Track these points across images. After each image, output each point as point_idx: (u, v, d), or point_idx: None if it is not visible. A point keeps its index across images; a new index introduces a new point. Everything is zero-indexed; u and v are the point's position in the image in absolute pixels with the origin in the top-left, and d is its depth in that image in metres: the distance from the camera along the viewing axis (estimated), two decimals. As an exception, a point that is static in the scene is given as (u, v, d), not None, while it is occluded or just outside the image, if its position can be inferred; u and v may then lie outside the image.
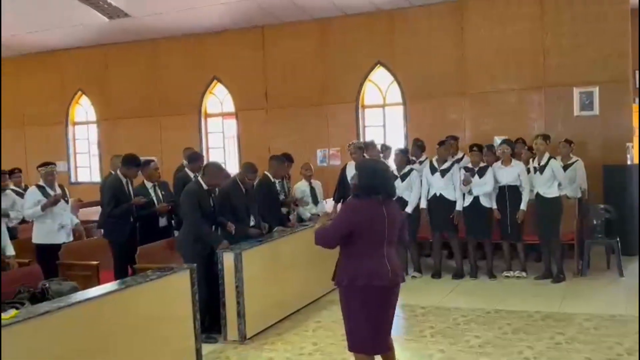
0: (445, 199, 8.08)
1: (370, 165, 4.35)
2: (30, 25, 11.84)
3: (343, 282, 4.03)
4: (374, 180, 4.05)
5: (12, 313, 3.91)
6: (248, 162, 6.92)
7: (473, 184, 7.87)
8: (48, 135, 13.61)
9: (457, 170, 8.09)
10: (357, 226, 3.98)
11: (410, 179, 8.11)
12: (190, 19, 11.33)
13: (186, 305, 5.20)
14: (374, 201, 4.02)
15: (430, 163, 8.27)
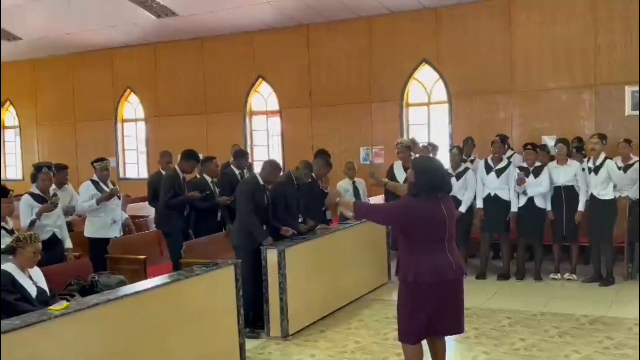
0: (499, 198, 7.95)
1: (428, 163, 4.33)
2: (83, 24, 12.16)
3: (408, 279, 4.01)
4: (432, 178, 4.04)
5: (63, 304, 4.04)
6: (306, 161, 7.04)
7: (527, 184, 7.72)
8: (98, 131, 13.96)
9: (513, 170, 7.95)
10: (416, 224, 3.98)
11: (465, 178, 8.01)
12: (237, 18, 11.45)
13: (230, 301, 5.27)
14: (433, 199, 4.01)
15: (485, 162, 8.14)
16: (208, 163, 7.76)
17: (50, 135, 14.63)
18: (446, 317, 4.11)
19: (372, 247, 7.84)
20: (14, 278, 4.74)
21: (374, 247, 7.89)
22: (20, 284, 4.74)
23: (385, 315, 6.52)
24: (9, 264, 4.82)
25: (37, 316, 3.88)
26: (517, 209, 7.88)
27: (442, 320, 4.10)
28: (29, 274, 4.86)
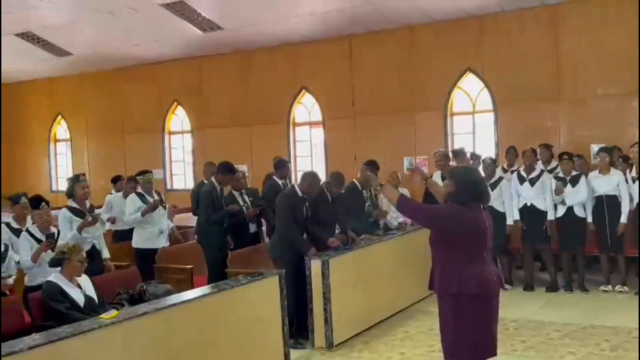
0: (536, 209, 7.81)
1: (470, 173, 4.26)
2: (131, 39, 12.48)
3: (451, 290, 3.91)
4: (475, 187, 3.99)
5: (113, 313, 4.14)
6: (336, 172, 6.99)
7: (566, 194, 7.57)
8: (146, 143, 14.26)
9: (547, 179, 7.81)
10: (462, 231, 3.88)
11: (500, 188, 7.90)
12: (280, 31, 11.58)
13: (275, 310, 5.31)
14: (476, 208, 3.96)
15: (518, 173, 8.02)
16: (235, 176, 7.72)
17: (100, 147, 15.02)
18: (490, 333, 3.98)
19: (416, 258, 7.74)
20: (62, 288, 4.87)
21: (418, 258, 7.77)
22: (69, 294, 4.87)
23: (431, 327, 6.44)
24: (55, 275, 4.95)
25: (89, 324, 3.99)
26: (556, 219, 7.72)
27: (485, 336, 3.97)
28: (77, 282, 4.99)
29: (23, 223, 6.25)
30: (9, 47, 13.04)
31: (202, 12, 11.11)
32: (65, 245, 5.02)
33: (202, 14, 11.15)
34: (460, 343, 3.94)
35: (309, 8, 10.70)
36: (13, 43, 12.71)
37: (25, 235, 5.72)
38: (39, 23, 11.73)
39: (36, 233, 5.73)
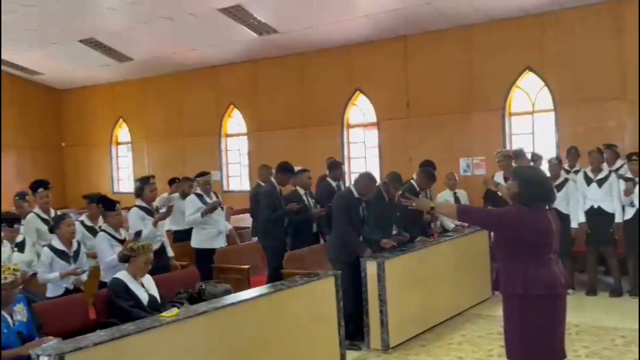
0: (603, 211, 7.56)
1: (534, 173, 4.17)
2: (188, 44, 12.75)
3: (517, 291, 3.83)
4: (541, 188, 3.90)
5: (174, 312, 4.23)
6: (395, 172, 6.95)
7: (635, 195, 7.29)
8: (203, 146, 14.53)
9: (615, 180, 7.55)
10: (529, 233, 3.80)
11: (567, 190, 7.68)
12: (335, 33, 11.60)
13: (331, 311, 5.32)
14: (541, 209, 3.87)
15: (585, 174, 7.78)
16: (301, 175, 7.81)
17: (160, 150, 15.39)
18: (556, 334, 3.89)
19: (474, 260, 7.65)
20: (128, 285, 5.03)
21: (476, 260, 7.70)
22: (133, 291, 5.02)
23: (489, 330, 6.34)
24: (122, 272, 5.12)
25: (150, 322, 4.09)
26: (624, 222, 7.44)
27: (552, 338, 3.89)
28: (141, 281, 5.13)
29: (96, 221, 6.51)
30: (73, 53, 13.55)
31: (259, 16, 11.25)
32: (135, 244, 5.17)
33: (258, 17, 11.28)
34: (525, 345, 3.86)
35: (363, 10, 10.68)
36: (76, 49, 13.19)
37: (104, 235, 5.88)
38: (101, 29, 12.12)
39: (112, 232, 5.94)
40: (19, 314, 4.26)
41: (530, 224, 3.81)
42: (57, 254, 5.58)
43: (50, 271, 5.54)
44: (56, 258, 5.56)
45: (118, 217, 5.98)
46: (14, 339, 4.16)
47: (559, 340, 3.91)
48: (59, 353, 3.45)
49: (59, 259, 5.57)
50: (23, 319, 4.28)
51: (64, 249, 5.62)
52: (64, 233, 5.62)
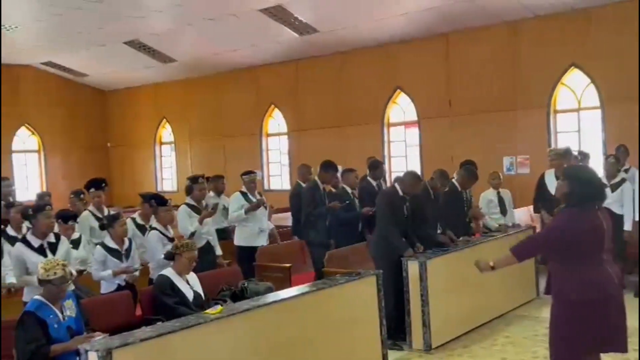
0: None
1: (582, 171, 4.09)
2: (230, 45, 12.87)
3: (570, 296, 3.76)
4: (588, 187, 3.82)
5: (218, 309, 4.28)
6: (442, 170, 6.90)
7: None
8: (244, 146, 14.66)
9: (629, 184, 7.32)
10: (577, 238, 3.74)
11: (622, 190, 7.47)
12: (376, 31, 11.56)
13: (373, 310, 5.30)
14: (591, 209, 3.80)
15: None
16: (348, 174, 7.88)
17: (202, 149, 15.60)
18: (611, 335, 3.81)
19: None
20: (173, 282, 5.11)
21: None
22: (179, 288, 5.10)
23: (535, 332, 6.22)
24: (168, 270, 5.20)
25: (195, 319, 4.14)
26: None
27: (607, 338, 3.81)
28: (186, 279, 5.20)
29: (147, 220, 6.66)
30: (118, 55, 13.84)
31: (299, 16, 11.29)
32: (180, 241, 5.26)
33: (299, 17, 11.32)
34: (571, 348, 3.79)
35: (403, 8, 10.61)
36: (121, 51, 13.46)
37: (155, 232, 6.06)
38: (145, 31, 12.35)
39: (163, 230, 6.08)
40: (69, 310, 4.37)
41: (580, 227, 3.74)
42: (110, 252, 5.72)
43: (103, 269, 5.68)
44: (109, 256, 5.70)
45: (169, 212, 6.14)
46: (63, 334, 4.27)
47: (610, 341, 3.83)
48: (106, 348, 3.52)
49: (112, 257, 5.71)
50: (72, 314, 4.39)
51: (116, 247, 5.76)
52: (117, 232, 5.77)
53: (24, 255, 5.21)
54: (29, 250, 5.22)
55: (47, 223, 5.31)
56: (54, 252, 5.31)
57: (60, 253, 5.30)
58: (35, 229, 5.32)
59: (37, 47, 13.57)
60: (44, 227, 5.28)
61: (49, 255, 5.22)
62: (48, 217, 5.32)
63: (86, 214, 7.17)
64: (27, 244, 5.26)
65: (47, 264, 4.30)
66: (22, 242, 5.32)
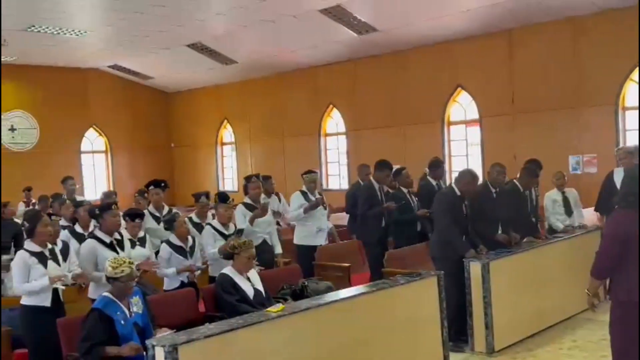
0: None
1: (635, 170, 3.94)
2: (289, 46, 12.99)
3: (620, 297, 3.71)
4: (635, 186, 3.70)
5: (279, 307, 4.32)
6: (499, 164, 6.73)
7: None
8: (303, 145, 14.77)
9: None
10: (629, 238, 3.66)
11: None
12: (436, 29, 11.43)
13: (434, 312, 5.23)
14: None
15: None
16: (399, 174, 7.78)
17: (262, 149, 15.81)
18: None
19: (585, 262, 7.18)
20: (234, 281, 5.19)
21: (587, 262, 7.21)
22: (240, 286, 5.17)
23: (603, 336, 5.97)
24: (228, 268, 5.29)
25: (257, 317, 4.20)
26: None
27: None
28: (247, 276, 5.28)
29: (204, 218, 6.81)
30: (181, 58, 14.18)
31: (359, 16, 11.27)
32: (238, 240, 5.35)
33: (358, 17, 11.31)
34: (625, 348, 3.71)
35: (465, 5, 10.45)
36: (184, 53, 13.79)
37: (209, 228, 6.23)
38: (207, 34, 12.60)
39: (218, 226, 6.21)
40: (135, 306, 4.50)
41: (632, 229, 3.66)
42: (175, 250, 5.88)
43: (168, 266, 5.84)
44: (174, 253, 5.87)
45: (228, 210, 6.26)
46: (130, 330, 4.40)
47: None
48: (172, 344, 3.61)
49: (177, 254, 5.87)
50: (139, 310, 4.51)
51: (181, 244, 5.92)
52: (179, 232, 5.94)
53: (96, 250, 5.37)
54: (100, 245, 5.39)
55: (114, 221, 5.48)
56: (123, 247, 5.49)
57: (126, 250, 5.48)
58: (103, 227, 5.50)
59: (105, 51, 14.06)
60: (110, 225, 5.45)
61: (119, 251, 5.40)
62: (114, 216, 5.49)
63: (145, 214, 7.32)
64: (98, 239, 5.44)
65: (114, 262, 4.44)
66: (94, 238, 5.50)
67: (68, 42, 12.79)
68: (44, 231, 4.97)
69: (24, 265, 4.88)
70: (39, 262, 4.89)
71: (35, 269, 4.86)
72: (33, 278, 4.87)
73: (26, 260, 4.88)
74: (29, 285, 4.85)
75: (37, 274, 4.85)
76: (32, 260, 4.88)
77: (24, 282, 4.88)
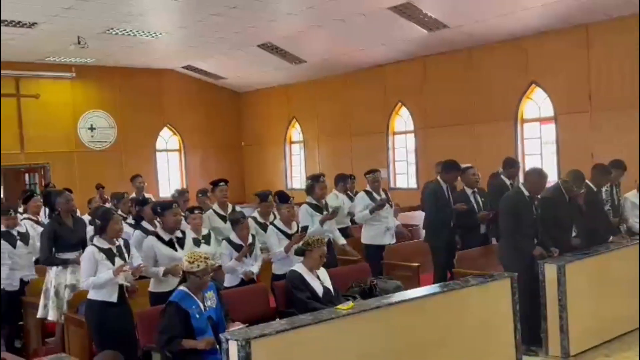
0: None
1: None
2: (358, 44, 12.98)
3: None
4: None
5: (349, 304, 4.35)
6: (577, 171, 6.52)
7: None
8: (371, 144, 14.74)
9: None
10: None
11: None
12: (508, 24, 11.16)
13: (506, 314, 5.13)
14: None
15: None
16: (466, 173, 7.47)
17: (329, 148, 15.88)
18: None
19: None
20: (304, 277, 5.25)
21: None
22: (309, 283, 5.24)
23: (686, 344, 5.73)
24: (299, 265, 5.36)
25: (327, 314, 4.24)
26: None
27: None
28: (317, 274, 5.33)
29: (267, 218, 6.91)
30: (251, 58, 14.42)
31: (429, 12, 11.14)
32: (311, 238, 5.41)
33: (428, 14, 11.18)
34: None
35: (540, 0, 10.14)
36: (254, 54, 14.02)
37: (273, 228, 6.33)
38: (277, 34, 12.76)
39: (281, 226, 6.28)
40: (209, 300, 4.63)
41: None
42: (235, 248, 6.03)
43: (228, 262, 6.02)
44: (234, 252, 6.00)
45: (290, 210, 6.31)
46: (204, 324, 4.53)
47: None
48: (245, 338, 3.70)
49: (236, 253, 6.00)
50: (213, 305, 4.64)
51: (241, 242, 6.04)
52: (240, 235, 6.07)
53: (154, 247, 5.58)
54: (159, 243, 5.60)
55: (175, 220, 5.67)
56: (182, 246, 5.66)
57: (187, 248, 5.64)
58: (164, 224, 5.70)
59: (180, 52, 14.47)
60: (171, 223, 5.65)
61: (178, 248, 5.58)
62: (175, 215, 5.67)
63: (210, 213, 7.41)
64: (158, 237, 5.66)
65: (191, 257, 4.59)
66: (154, 235, 5.73)
67: (144, 44, 13.24)
68: (115, 228, 5.16)
69: (92, 261, 5.05)
70: (106, 257, 5.07)
71: (103, 264, 5.03)
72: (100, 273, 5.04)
73: (95, 256, 5.06)
74: (94, 278, 5.01)
75: (104, 269, 5.02)
76: (100, 255, 5.05)
77: (90, 277, 5.04)
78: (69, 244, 6.03)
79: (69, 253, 6.01)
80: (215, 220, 7.17)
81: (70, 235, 6.07)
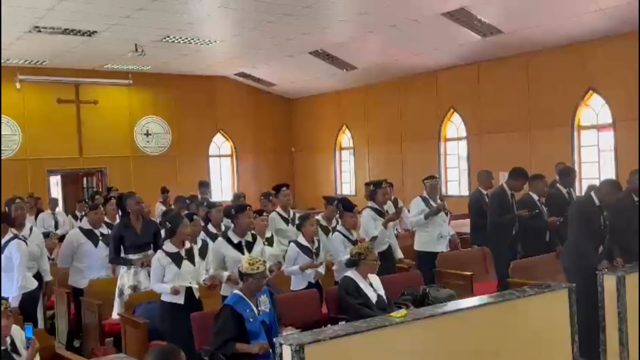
0: None
1: None
2: (411, 50, 12.92)
3: None
4: None
5: (402, 312, 4.32)
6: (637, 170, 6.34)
7: None
8: (422, 150, 14.62)
9: None
10: None
11: None
12: (564, 29, 10.92)
13: (564, 326, 4.99)
14: None
15: None
16: (537, 181, 7.50)
17: (380, 154, 15.83)
18: None
19: None
20: (357, 284, 5.26)
21: None
22: (363, 290, 5.24)
23: None
24: (352, 271, 5.37)
25: (380, 321, 4.21)
26: None
27: None
28: (370, 281, 5.33)
29: (330, 222, 7.00)
30: (303, 65, 14.54)
31: (483, 18, 11.01)
32: (362, 246, 5.42)
33: (482, 19, 11.05)
34: None
35: (598, 4, 9.88)
36: (306, 60, 14.12)
37: (338, 235, 6.42)
38: (329, 41, 12.82)
39: (345, 232, 6.40)
40: (263, 305, 4.68)
41: None
42: (302, 250, 6.07)
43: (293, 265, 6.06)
44: (301, 253, 6.06)
45: (354, 218, 6.38)
46: (258, 327, 4.59)
47: None
48: (299, 343, 3.71)
49: (303, 254, 6.06)
50: (266, 309, 4.69)
51: (307, 245, 6.10)
52: (308, 231, 6.13)
53: (222, 249, 5.67)
54: (228, 245, 5.68)
55: (248, 222, 5.77)
56: (250, 250, 5.72)
57: (256, 251, 5.71)
58: (237, 227, 5.78)
59: (233, 60, 14.70)
60: (244, 225, 5.74)
61: (245, 252, 5.64)
62: (248, 217, 5.77)
63: (274, 215, 7.60)
64: (227, 239, 5.73)
65: (251, 260, 4.66)
66: (223, 238, 5.80)
67: (199, 52, 13.51)
68: (185, 232, 5.30)
69: (159, 266, 5.24)
70: (173, 262, 5.22)
71: (169, 269, 5.20)
72: (167, 277, 5.21)
73: (161, 261, 5.23)
74: (157, 286, 5.23)
75: (171, 273, 5.18)
76: (166, 260, 5.22)
77: (158, 282, 5.25)
78: (134, 245, 6.21)
79: (133, 255, 6.19)
80: (280, 222, 7.33)
81: (136, 237, 6.24)
